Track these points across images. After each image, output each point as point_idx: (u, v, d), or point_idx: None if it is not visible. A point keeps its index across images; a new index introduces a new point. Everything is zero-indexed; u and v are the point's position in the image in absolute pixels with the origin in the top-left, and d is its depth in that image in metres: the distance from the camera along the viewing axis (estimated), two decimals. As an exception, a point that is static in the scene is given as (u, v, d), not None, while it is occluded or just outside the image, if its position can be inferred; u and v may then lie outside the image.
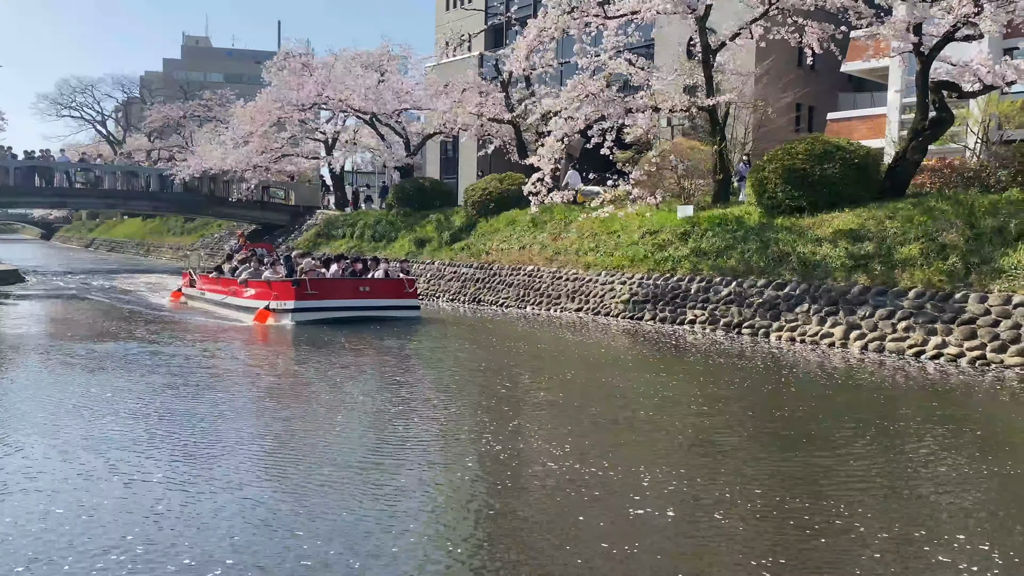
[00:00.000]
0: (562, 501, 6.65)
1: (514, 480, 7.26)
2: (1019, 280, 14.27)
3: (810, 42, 19.67)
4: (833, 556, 5.60)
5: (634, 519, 6.23)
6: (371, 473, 7.38)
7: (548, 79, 29.60)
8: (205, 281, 23.73)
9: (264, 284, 20.20)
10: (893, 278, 15.88)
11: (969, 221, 15.81)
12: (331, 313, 18.91)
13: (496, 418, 9.62)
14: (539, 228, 25.26)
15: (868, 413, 10.08)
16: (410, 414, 9.98)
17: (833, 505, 6.60)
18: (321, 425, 9.25)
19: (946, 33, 17.09)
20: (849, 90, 30.62)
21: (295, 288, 18.82)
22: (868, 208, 17.64)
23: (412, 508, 6.43)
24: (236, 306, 20.88)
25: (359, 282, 19.81)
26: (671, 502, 6.62)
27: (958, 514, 6.49)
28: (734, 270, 18.59)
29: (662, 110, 20.80)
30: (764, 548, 5.70)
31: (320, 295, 18.96)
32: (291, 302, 18.81)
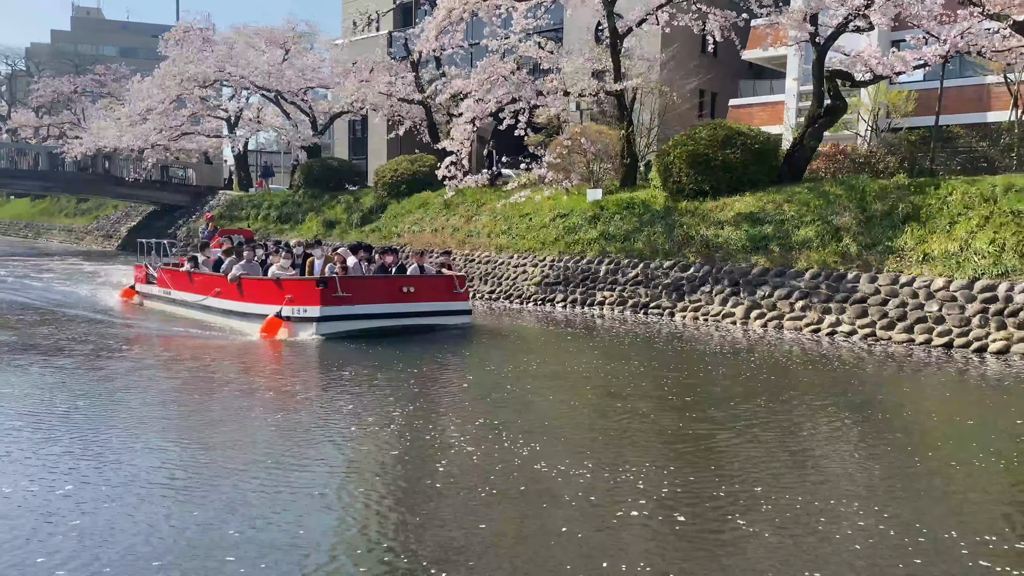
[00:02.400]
0: (472, 479, 6.73)
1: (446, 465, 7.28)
2: (906, 261, 15.14)
3: (713, 29, 20.22)
4: (737, 538, 5.86)
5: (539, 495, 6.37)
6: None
7: (459, 60, 29.45)
8: (172, 277, 18.26)
9: (270, 284, 14.90)
10: (791, 259, 16.59)
11: (861, 205, 16.63)
12: (367, 323, 14.32)
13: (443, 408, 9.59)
14: (451, 211, 25.20)
15: (767, 388, 10.54)
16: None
17: (737, 479, 6.90)
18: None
19: (839, 24, 17.83)
20: (750, 77, 31.59)
21: (321, 289, 13.95)
22: (767, 192, 18.32)
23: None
24: (225, 312, 15.92)
25: (401, 280, 14.92)
26: (580, 483, 6.78)
27: (851, 483, 6.88)
28: (641, 252, 19.03)
29: (572, 94, 21.01)
30: (669, 529, 5.91)
31: (353, 298, 14.17)
32: (315, 308, 13.98)
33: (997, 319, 13.34)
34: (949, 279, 14.27)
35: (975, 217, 14.95)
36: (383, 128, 35.25)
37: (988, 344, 13.15)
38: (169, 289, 18.33)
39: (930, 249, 14.95)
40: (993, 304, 13.52)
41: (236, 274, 15.66)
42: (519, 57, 21.40)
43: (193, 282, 17.37)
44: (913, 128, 22.32)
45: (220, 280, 16.21)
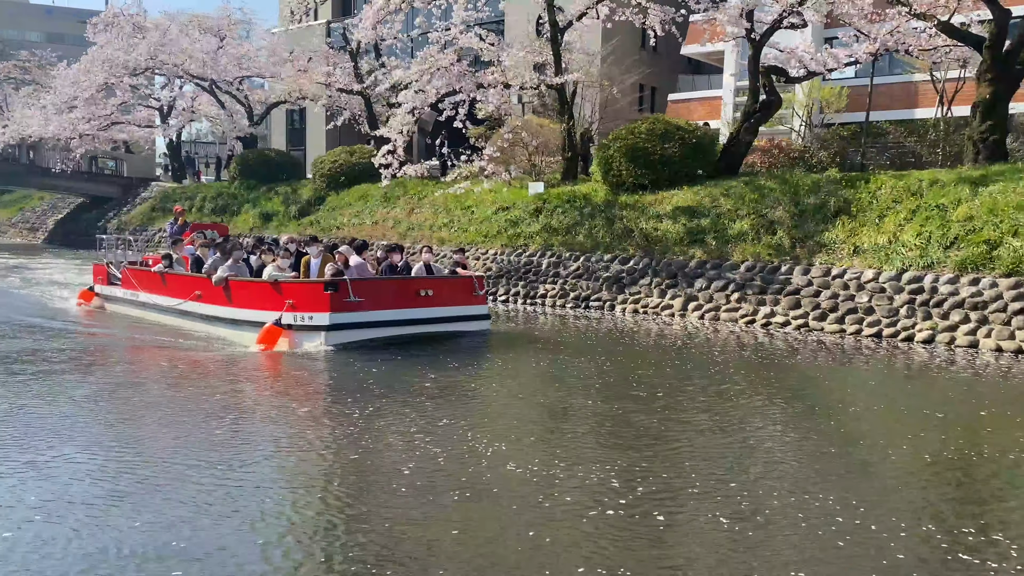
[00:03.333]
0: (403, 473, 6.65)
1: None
2: (837, 253, 15.53)
3: (652, 24, 20.39)
4: (678, 536, 5.91)
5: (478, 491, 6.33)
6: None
7: (399, 51, 29.15)
8: (140, 278, 16.10)
9: (266, 287, 12.85)
10: (727, 252, 16.86)
11: (794, 199, 17.00)
12: (382, 331, 12.59)
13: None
14: (392, 203, 24.95)
15: (703, 378, 10.69)
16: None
17: (676, 471, 6.97)
18: None
19: (774, 20, 18.19)
20: (689, 72, 32.04)
21: (330, 294, 12.09)
22: (705, 186, 18.59)
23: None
24: (208, 318, 14.00)
25: (419, 283, 13.20)
26: (515, 476, 6.77)
27: (787, 472, 7.02)
28: (583, 246, 19.12)
29: (513, 86, 20.98)
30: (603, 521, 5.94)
31: (366, 304, 12.39)
32: (324, 315, 12.16)
33: (923, 309, 13.79)
34: (878, 271, 14.68)
35: (903, 211, 15.41)
36: (322, 119, 34.74)
37: (915, 333, 13.58)
38: (137, 291, 16.17)
39: (860, 242, 15.36)
40: (919, 295, 13.97)
41: (222, 276, 13.54)
42: (459, 48, 21.27)
43: (167, 284, 15.16)
44: (845, 124, 22.94)
45: (201, 282, 14.09)
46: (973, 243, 13.96)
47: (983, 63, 16.42)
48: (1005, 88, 16.36)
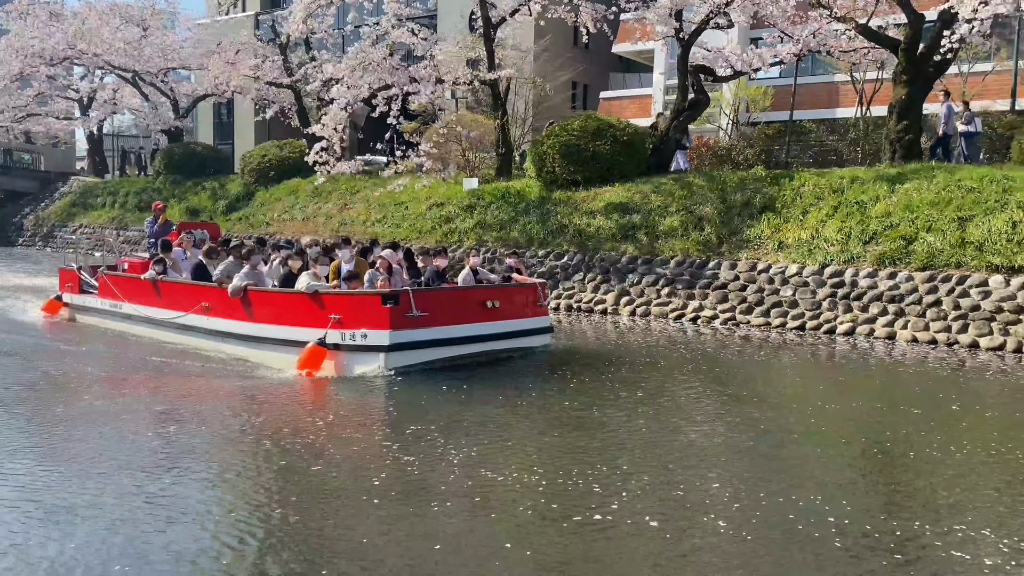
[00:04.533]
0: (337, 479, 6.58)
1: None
2: (763, 249, 15.98)
3: (585, 22, 20.59)
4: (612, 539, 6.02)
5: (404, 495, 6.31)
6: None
7: (330, 45, 28.73)
8: (125, 286, 13.86)
9: (301, 299, 10.87)
10: (657, 248, 17.18)
11: (721, 196, 17.41)
12: (448, 350, 10.86)
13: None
14: (323, 198, 24.63)
15: (632, 372, 10.89)
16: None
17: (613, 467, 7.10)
18: None
19: (702, 21, 18.58)
20: (620, 70, 32.46)
21: (390, 308, 10.25)
22: (636, 183, 18.88)
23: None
24: (219, 335, 11.93)
25: (485, 293, 11.46)
26: (447, 485, 6.78)
27: (717, 463, 7.22)
28: (517, 241, 19.22)
29: (446, 82, 20.92)
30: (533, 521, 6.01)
31: (430, 318, 10.58)
32: (382, 333, 10.26)
33: (844, 302, 14.30)
34: (802, 266, 15.17)
35: (824, 207, 15.94)
36: (250, 112, 34.02)
37: (836, 326, 14.09)
38: (119, 302, 13.89)
39: (785, 237, 15.83)
40: (841, 288, 14.49)
41: (240, 285, 11.41)
42: (392, 43, 21.11)
43: (161, 293, 12.96)
44: (770, 122, 23.57)
45: (210, 292, 11.99)
46: (890, 238, 14.54)
47: (899, 65, 17.08)
48: (919, 89, 17.05)
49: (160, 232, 15.04)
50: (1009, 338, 12.49)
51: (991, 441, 7.85)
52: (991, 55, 21.94)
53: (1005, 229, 13.54)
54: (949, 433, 8.14)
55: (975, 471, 6.97)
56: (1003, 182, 14.45)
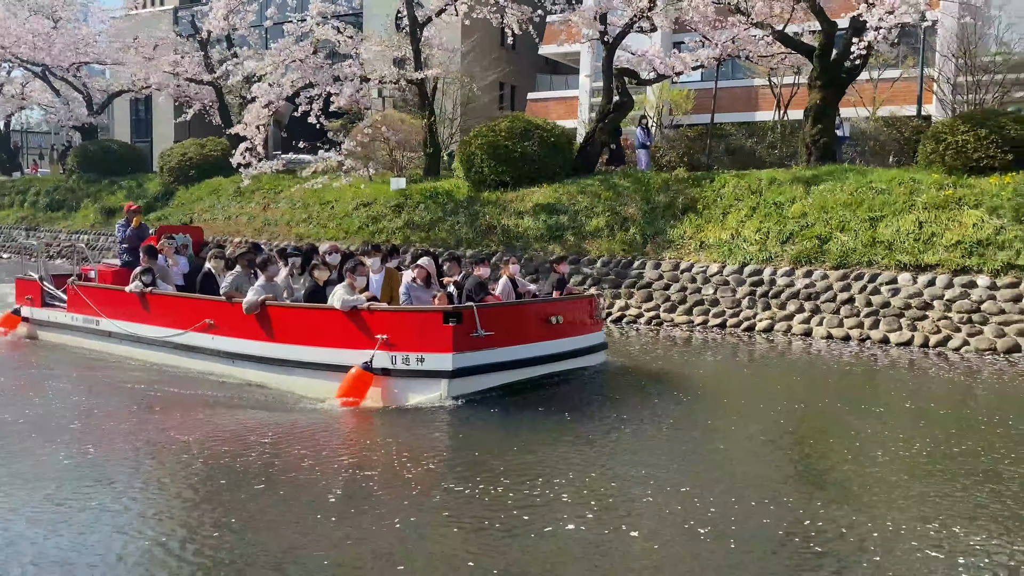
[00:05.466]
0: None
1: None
2: (685, 249, 16.34)
3: (511, 23, 20.67)
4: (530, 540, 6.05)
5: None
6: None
7: (252, 41, 28.12)
8: (101, 300, 12.32)
9: (337, 317, 9.45)
10: (584, 248, 17.39)
11: (646, 197, 17.73)
12: (513, 374, 9.56)
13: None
14: (246, 198, 24.08)
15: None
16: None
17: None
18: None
19: (626, 24, 18.86)
20: (547, 72, 32.69)
21: (453, 327, 8.96)
22: (563, 184, 19.06)
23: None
24: (230, 356, 10.54)
25: (549, 307, 10.24)
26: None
27: (643, 464, 7.36)
28: (445, 242, 19.17)
29: (371, 80, 20.73)
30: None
31: (497, 338, 9.27)
32: (445, 357, 8.98)
33: (763, 300, 14.75)
34: (722, 265, 15.57)
35: (744, 208, 16.40)
36: (169, 109, 33.04)
37: (756, 323, 14.52)
38: (96, 317, 12.30)
39: (706, 237, 16.22)
40: (759, 287, 14.93)
41: (256, 299, 9.93)
42: (316, 40, 20.79)
43: (151, 308, 11.43)
44: (692, 125, 24.10)
45: (216, 306, 10.55)
46: (806, 238, 15.05)
47: (814, 71, 17.69)
48: (833, 94, 17.68)
49: (135, 237, 13.15)
50: (916, 333, 13.08)
51: (907, 433, 8.22)
52: (899, 62, 22.92)
53: (912, 229, 14.18)
54: (861, 427, 8.48)
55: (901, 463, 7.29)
56: (910, 184, 15.12)
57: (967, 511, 6.02)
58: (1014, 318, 12.55)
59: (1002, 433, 8.20)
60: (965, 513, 5.97)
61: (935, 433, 8.16)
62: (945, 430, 8.29)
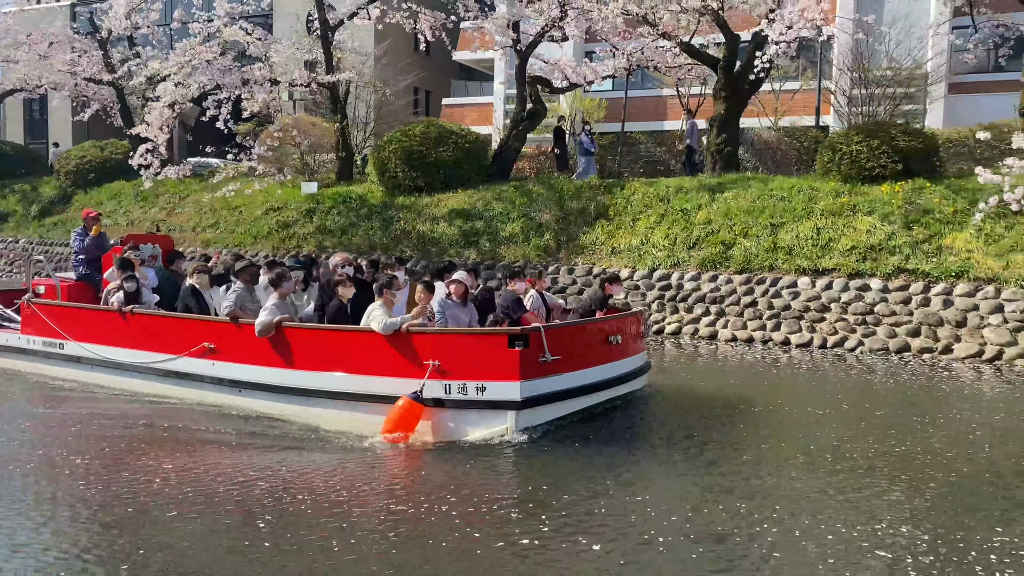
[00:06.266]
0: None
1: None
2: (597, 254, 16.63)
3: (424, 29, 20.66)
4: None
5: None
6: None
7: (155, 41, 27.20)
8: (68, 320, 10.93)
9: (375, 340, 8.29)
10: (499, 254, 17.50)
11: (560, 203, 17.97)
12: (582, 402, 8.67)
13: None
14: (150, 202, 23.28)
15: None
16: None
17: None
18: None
19: (538, 33, 19.10)
20: (462, 78, 32.77)
21: (520, 351, 7.90)
22: (478, 190, 19.15)
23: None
24: (238, 384, 9.25)
25: (609, 325, 9.21)
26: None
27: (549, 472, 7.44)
28: (359, 247, 18.97)
29: (282, 83, 20.36)
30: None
31: (564, 363, 8.25)
32: (511, 385, 7.92)
33: (671, 304, 15.16)
34: (633, 270, 15.92)
35: (653, 215, 16.81)
36: (67, 110, 31.63)
37: (665, 326, 14.90)
38: (61, 340, 10.86)
39: (617, 243, 16.56)
40: (668, 291, 15.34)
41: (270, 320, 8.75)
42: (224, 41, 20.28)
43: (133, 329, 10.06)
44: (604, 133, 24.52)
45: (220, 328, 9.32)
46: (712, 244, 15.54)
47: (718, 82, 18.30)
48: (736, 105, 18.33)
49: (93, 247, 11.65)
50: (815, 335, 13.68)
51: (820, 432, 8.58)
52: (799, 75, 23.92)
53: (811, 235, 14.82)
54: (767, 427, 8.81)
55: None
56: (809, 192, 15.80)
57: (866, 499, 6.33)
58: (904, 319, 13.27)
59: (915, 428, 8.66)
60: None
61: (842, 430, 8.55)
62: (850, 426, 8.70)
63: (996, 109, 19.47)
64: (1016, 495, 6.57)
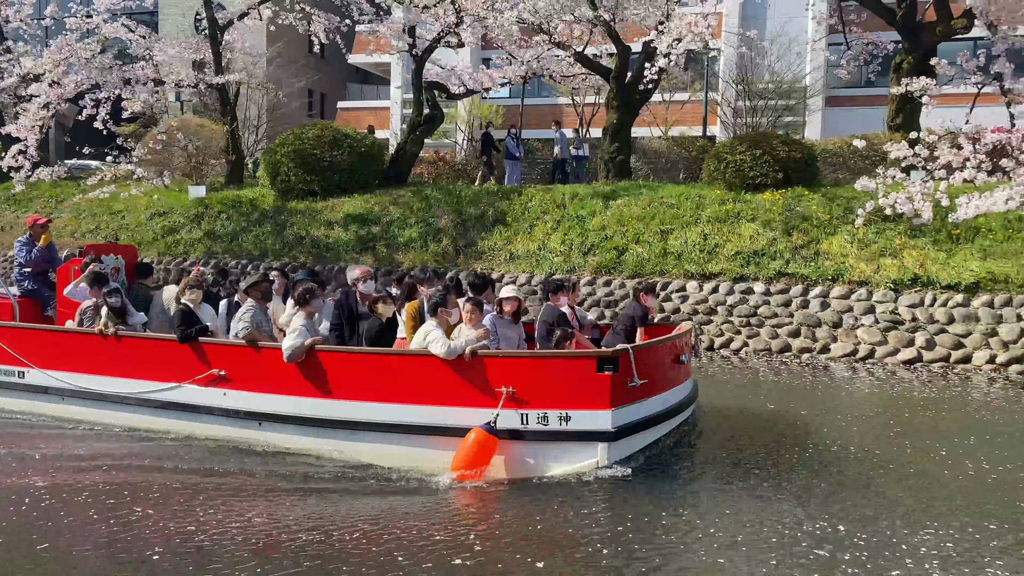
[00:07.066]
0: None
1: None
2: (496, 260, 16.74)
3: (317, 31, 20.32)
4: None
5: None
6: None
7: (29, 37, 25.72)
8: (23, 342, 9.54)
9: (433, 365, 7.32)
10: (397, 259, 17.37)
11: (457, 209, 18.00)
12: (663, 429, 7.96)
13: None
14: (23, 205, 21.93)
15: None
16: None
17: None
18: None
19: (434, 38, 19.09)
20: (358, 81, 32.41)
21: (610, 375, 7.05)
22: (375, 194, 18.94)
23: None
24: (251, 416, 8.07)
25: (678, 342, 8.41)
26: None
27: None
28: (250, 253, 18.46)
29: (167, 83, 19.61)
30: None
31: (649, 387, 7.46)
32: (603, 415, 7.08)
33: (568, 309, 15.40)
34: (531, 275, 16.10)
35: (550, 221, 17.06)
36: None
37: (561, 331, 15.12)
38: (22, 367, 9.47)
39: (515, 249, 16.72)
40: (564, 296, 15.57)
41: (302, 343, 7.58)
42: (104, 39, 19.36)
43: (118, 353, 8.79)
44: (501, 140, 24.74)
45: (233, 353, 8.12)
46: (606, 249, 15.90)
47: (611, 91, 18.76)
48: (628, 114, 18.83)
49: (42, 259, 10.47)
50: (703, 336, 14.18)
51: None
52: (688, 87, 24.81)
53: (698, 241, 15.37)
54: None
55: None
56: (696, 199, 16.38)
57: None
58: (785, 321, 13.93)
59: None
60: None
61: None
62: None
63: (868, 121, 20.74)
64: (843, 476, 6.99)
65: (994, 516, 6.19)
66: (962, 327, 12.90)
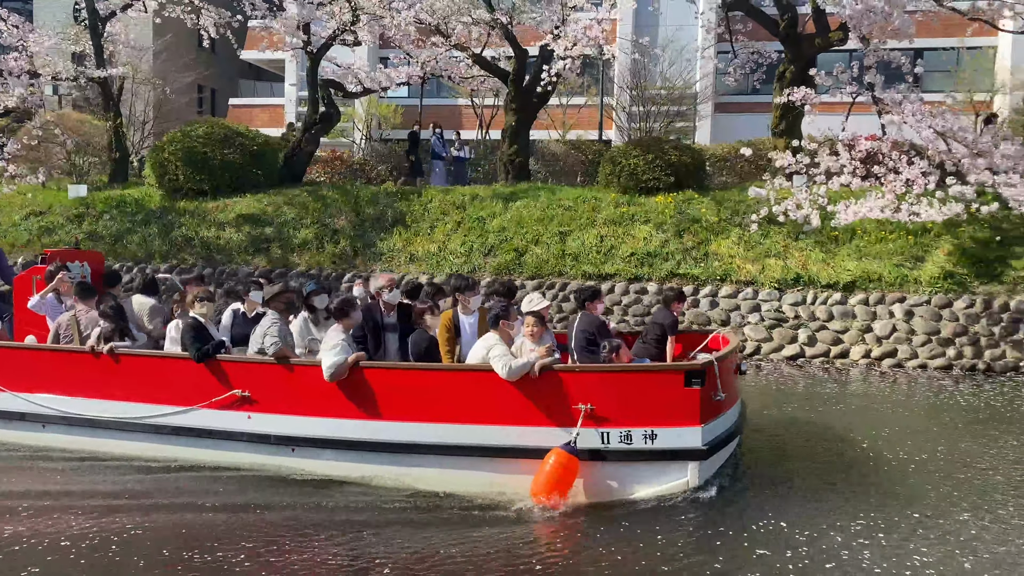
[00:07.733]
0: None
1: None
2: (395, 261, 16.59)
3: (207, 25, 19.64)
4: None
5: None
6: None
7: None
8: (20, 365, 8.38)
9: (496, 383, 6.74)
10: (292, 261, 16.98)
11: (355, 209, 17.74)
12: (734, 443, 7.61)
13: None
14: None
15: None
16: None
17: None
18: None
19: (330, 36, 18.76)
20: (250, 77, 31.50)
21: (699, 390, 6.63)
22: (268, 194, 18.45)
23: None
24: (283, 441, 7.29)
25: (736, 355, 8.04)
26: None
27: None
28: (135, 255, 17.67)
29: (43, 76, 18.54)
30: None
31: (728, 400, 7.25)
32: (692, 432, 6.65)
33: (467, 310, 15.42)
34: (431, 276, 16.02)
35: (450, 222, 17.04)
36: None
37: (461, 333, 15.13)
38: (10, 392, 8.35)
39: (415, 250, 16.62)
40: (464, 298, 15.59)
41: (344, 360, 6.92)
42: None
43: (114, 373, 7.88)
44: (401, 140, 24.56)
45: (259, 371, 7.37)
46: (506, 251, 16.01)
47: (509, 94, 18.89)
48: (526, 117, 19.00)
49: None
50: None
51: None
52: (584, 91, 25.26)
53: (595, 242, 15.68)
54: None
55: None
56: (593, 202, 16.70)
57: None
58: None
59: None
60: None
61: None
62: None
63: (754, 127, 21.63)
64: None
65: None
66: (840, 323, 13.66)
